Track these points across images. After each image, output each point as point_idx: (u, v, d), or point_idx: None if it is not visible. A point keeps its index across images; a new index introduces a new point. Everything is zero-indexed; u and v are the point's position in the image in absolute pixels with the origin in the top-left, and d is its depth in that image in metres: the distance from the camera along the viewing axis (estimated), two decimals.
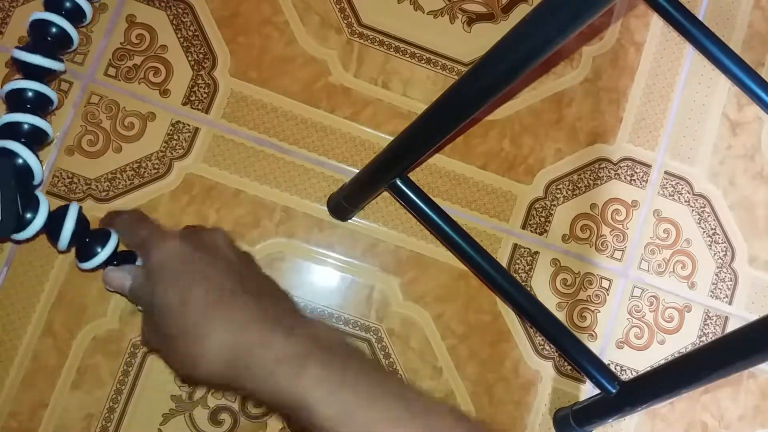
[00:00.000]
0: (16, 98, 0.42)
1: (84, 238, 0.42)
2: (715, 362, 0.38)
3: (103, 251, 0.42)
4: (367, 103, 0.51)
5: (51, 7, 0.45)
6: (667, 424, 0.51)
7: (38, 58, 0.42)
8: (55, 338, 0.47)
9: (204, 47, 0.50)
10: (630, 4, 0.55)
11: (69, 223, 0.41)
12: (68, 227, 0.41)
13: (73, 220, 0.41)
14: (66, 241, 0.42)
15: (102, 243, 0.42)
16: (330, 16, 0.52)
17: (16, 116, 0.41)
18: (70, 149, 0.48)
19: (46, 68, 0.43)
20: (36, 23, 0.44)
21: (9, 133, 0.41)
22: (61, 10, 0.45)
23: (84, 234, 0.43)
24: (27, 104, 0.42)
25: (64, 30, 0.44)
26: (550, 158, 0.52)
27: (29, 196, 0.41)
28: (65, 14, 0.45)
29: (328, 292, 0.49)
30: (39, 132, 0.42)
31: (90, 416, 0.46)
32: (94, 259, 0.42)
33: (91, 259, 0.42)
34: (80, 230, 0.42)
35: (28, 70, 0.43)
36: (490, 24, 0.53)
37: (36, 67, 0.42)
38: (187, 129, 0.49)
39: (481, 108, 0.34)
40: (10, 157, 0.41)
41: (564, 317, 0.51)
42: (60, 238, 0.41)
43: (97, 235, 0.43)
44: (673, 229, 0.53)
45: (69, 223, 0.41)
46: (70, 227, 0.41)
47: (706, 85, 0.55)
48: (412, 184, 0.44)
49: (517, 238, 0.51)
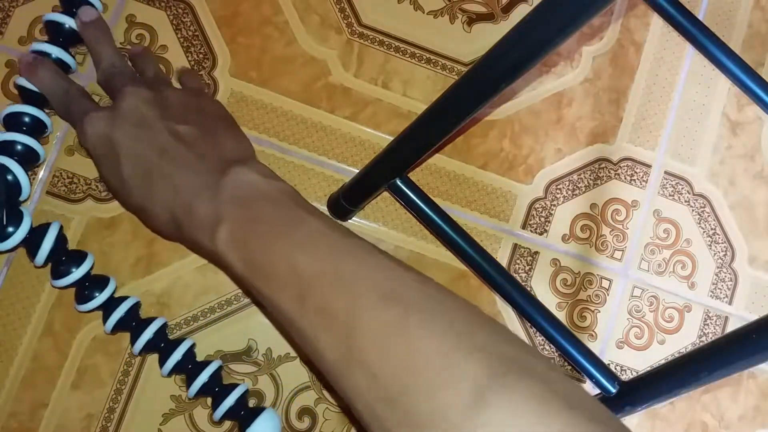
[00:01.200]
0: (14, 120, 0.45)
1: (61, 257, 0.45)
2: (715, 362, 0.38)
3: (76, 271, 0.44)
4: (367, 103, 0.51)
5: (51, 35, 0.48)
6: (667, 424, 0.51)
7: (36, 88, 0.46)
8: (55, 338, 0.47)
9: (204, 47, 0.50)
10: (630, 4, 0.55)
11: (47, 241, 0.43)
12: (46, 245, 0.43)
13: (52, 238, 0.44)
14: (42, 257, 0.44)
15: (77, 263, 0.44)
16: (330, 16, 0.52)
17: (12, 135, 0.44)
18: (70, 149, 0.48)
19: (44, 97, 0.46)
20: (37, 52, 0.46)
21: (3, 151, 0.44)
22: (59, 38, 0.47)
23: (61, 253, 0.45)
24: (23, 127, 0.45)
25: (61, 59, 0.47)
26: (550, 158, 0.52)
27: (14, 210, 0.44)
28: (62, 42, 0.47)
29: None
30: (32, 153, 0.45)
31: (90, 416, 0.46)
32: (66, 278, 0.44)
33: (64, 277, 0.44)
34: (58, 248, 0.44)
35: (27, 96, 0.46)
36: (490, 24, 0.53)
37: (35, 93, 0.46)
38: None
39: (481, 108, 0.34)
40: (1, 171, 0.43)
41: (564, 317, 0.51)
42: (37, 254, 0.44)
43: (73, 255, 0.45)
44: (673, 229, 0.53)
45: (47, 241, 0.43)
46: (48, 246, 0.43)
47: (706, 85, 0.55)
48: (412, 184, 0.44)
49: (517, 238, 0.51)
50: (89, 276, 0.45)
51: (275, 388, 0.48)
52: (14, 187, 0.44)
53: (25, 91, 0.45)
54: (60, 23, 0.46)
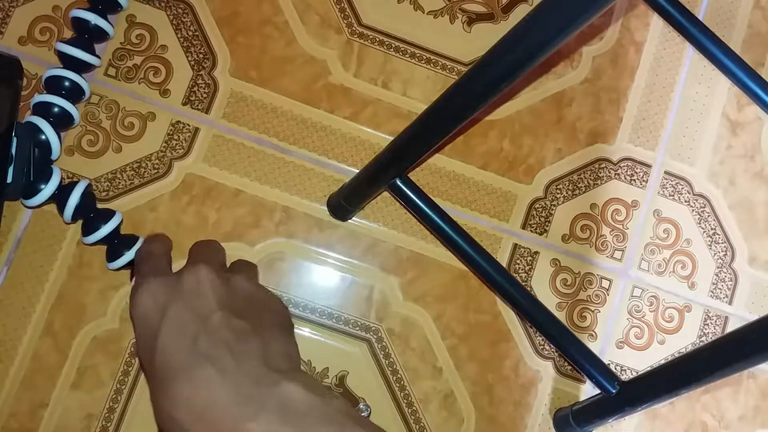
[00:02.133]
0: (55, 83, 0.46)
1: (89, 214, 0.46)
2: (715, 362, 0.38)
3: (104, 228, 0.45)
4: (367, 103, 0.51)
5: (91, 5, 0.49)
6: (667, 424, 0.51)
7: (78, 52, 0.47)
8: (55, 338, 0.47)
9: (204, 47, 0.50)
10: (630, 4, 0.55)
11: (74, 196, 0.45)
12: (73, 200, 0.45)
13: (78, 194, 0.45)
14: (70, 212, 0.45)
15: (105, 221, 0.45)
16: (330, 16, 0.52)
17: (49, 98, 0.46)
18: (70, 149, 0.48)
19: (84, 61, 0.47)
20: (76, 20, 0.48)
21: (40, 112, 0.46)
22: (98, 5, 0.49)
23: (90, 210, 0.46)
24: (62, 90, 0.46)
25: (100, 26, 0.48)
26: (550, 158, 0.52)
27: (44, 168, 0.45)
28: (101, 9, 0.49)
29: (328, 292, 0.49)
30: (67, 116, 0.46)
31: (90, 416, 0.46)
32: (95, 234, 0.45)
33: (92, 233, 0.45)
34: (86, 205, 0.46)
35: (68, 61, 0.47)
36: (490, 24, 0.53)
37: (75, 59, 0.47)
38: (187, 129, 0.49)
39: (481, 108, 0.34)
40: (35, 130, 0.45)
41: (564, 317, 0.51)
42: (65, 209, 0.45)
43: (102, 213, 0.46)
44: (673, 229, 0.53)
45: (74, 196, 0.45)
46: (74, 201, 0.45)
47: (706, 85, 0.55)
48: (412, 184, 0.44)
49: (517, 238, 0.51)
50: (118, 233, 0.46)
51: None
52: (45, 147, 0.45)
53: (66, 56, 0.47)
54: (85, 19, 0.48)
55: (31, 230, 0.47)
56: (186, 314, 0.35)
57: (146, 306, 0.36)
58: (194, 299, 0.36)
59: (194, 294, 0.36)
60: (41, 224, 0.47)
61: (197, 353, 0.33)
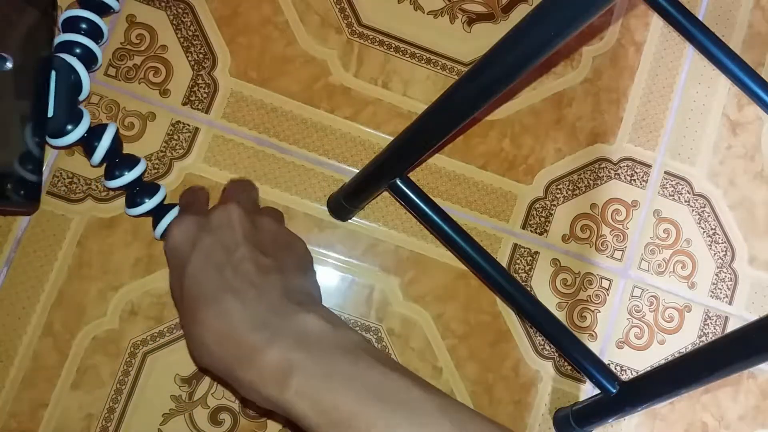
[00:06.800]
0: (74, 23, 0.46)
1: (115, 159, 0.46)
2: (715, 362, 0.38)
3: (128, 174, 0.45)
4: (367, 103, 0.51)
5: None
6: (667, 424, 0.51)
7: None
8: (55, 338, 0.47)
9: (204, 47, 0.50)
10: (630, 4, 0.55)
11: (105, 140, 0.44)
12: (104, 144, 0.44)
13: (110, 138, 0.45)
14: (99, 156, 0.45)
15: (129, 167, 0.45)
16: (330, 16, 0.52)
17: (75, 36, 0.45)
18: (70, 149, 0.48)
19: (105, 4, 0.47)
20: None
21: (65, 50, 0.45)
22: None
23: (116, 155, 0.46)
24: (82, 31, 0.46)
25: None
26: (550, 158, 0.52)
27: (74, 109, 0.45)
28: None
29: (328, 292, 0.49)
30: (92, 56, 0.46)
31: (90, 416, 0.46)
32: (119, 179, 0.45)
33: (116, 179, 0.45)
34: (113, 150, 0.45)
35: (86, 3, 0.47)
36: (490, 24, 0.53)
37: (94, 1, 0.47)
38: (187, 129, 0.49)
39: (481, 108, 0.34)
40: (69, 66, 0.44)
41: (564, 317, 0.51)
42: (95, 153, 0.45)
43: (127, 159, 0.46)
44: (673, 229, 0.53)
45: (105, 140, 0.44)
46: (105, 144, 0.44)
47: (706, 85, 0.55)
48: (412, 184, 0.44)
49: (517, 238, 0.51)
50: (140, 182, 0.46)
51: None
52: (76, 86, 0.45)
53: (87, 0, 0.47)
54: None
55: (31, 230, 0.47)
56: (214, 246, 0.38)
57: (179, 239, 0.39)
58: (222, 233, 0.38)
59: (222, 229, 0.39)
60: (41, 224, 0.47)
61: (222, 283, 0.36)
